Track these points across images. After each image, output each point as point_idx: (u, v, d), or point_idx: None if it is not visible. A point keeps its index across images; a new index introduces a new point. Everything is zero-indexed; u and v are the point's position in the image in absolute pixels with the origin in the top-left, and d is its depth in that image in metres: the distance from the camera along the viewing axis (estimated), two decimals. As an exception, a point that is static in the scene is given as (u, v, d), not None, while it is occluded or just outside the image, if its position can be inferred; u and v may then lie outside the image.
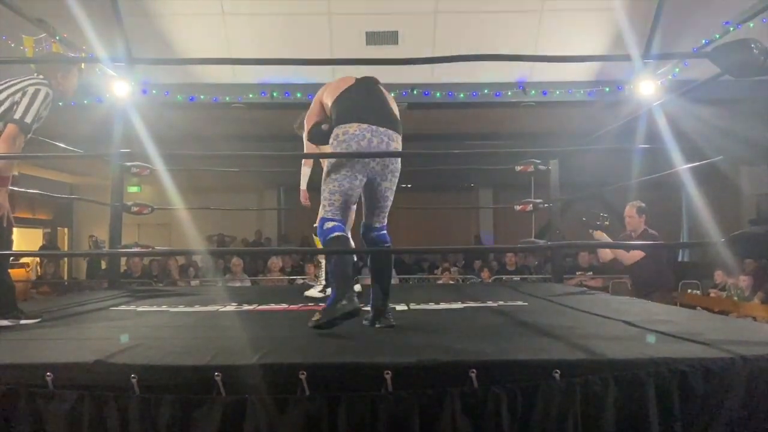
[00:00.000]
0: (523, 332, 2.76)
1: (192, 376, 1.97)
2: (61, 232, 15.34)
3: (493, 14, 6.88)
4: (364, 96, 2.91)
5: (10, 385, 1.96)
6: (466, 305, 3.82)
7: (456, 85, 7.51)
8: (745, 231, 2.51)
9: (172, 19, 6.83)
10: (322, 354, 2.21)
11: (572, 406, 1.94)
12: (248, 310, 3.66)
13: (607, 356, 2.08)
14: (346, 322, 2.64)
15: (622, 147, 5.90)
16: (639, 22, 6.68)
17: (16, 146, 2.95)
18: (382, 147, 2.77)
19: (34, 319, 2.99)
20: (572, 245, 4.26)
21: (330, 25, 6.98)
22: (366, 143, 2.73)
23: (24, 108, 2.95)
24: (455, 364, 1.99)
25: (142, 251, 7.97)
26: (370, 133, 2.74)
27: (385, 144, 2.76)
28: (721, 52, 2.50)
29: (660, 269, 5.01)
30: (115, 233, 5.29)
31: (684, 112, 5.96)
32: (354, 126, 2.77)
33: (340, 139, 2.78)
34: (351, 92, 2.92)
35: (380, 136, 2.76)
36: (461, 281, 9.04)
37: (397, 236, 12.61)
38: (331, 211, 2.83)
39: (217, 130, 7.11)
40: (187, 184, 5.17)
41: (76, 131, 7.17)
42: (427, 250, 11.77)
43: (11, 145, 2.91)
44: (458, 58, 3.00)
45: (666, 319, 3.10)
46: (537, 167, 5.44)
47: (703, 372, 2.01)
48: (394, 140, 2.80)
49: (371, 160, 2.77)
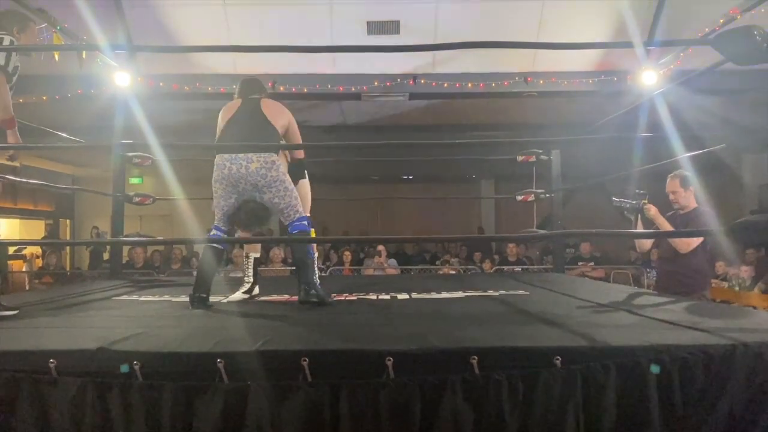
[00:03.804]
0: (524, 320, 2.77)
1: (194, 362, 1.98)
2: (63, 224, 15.36)
3: (495, 3, 6.85)
4: (236, 125, 3.39)
5: (14, 371, 1.97)
6: (467, 294, 3.82)
7: (457, 76, 7.48)
8: (745, 219, 2.50)
9: (173, 9, 6.82)
10: (324, 341, 2.22)
11: (573, 392, 1.95)
12: (250, 300, 3.67)
13: (608, 343, 2.08)
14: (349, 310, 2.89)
15: (623, 136, 5.88)
16: (642, 12, 6.65)
17: (3, 89, 3.01)
18: (242, 171, 3.22)
19: (12, 311, 2.86)
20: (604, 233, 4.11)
21: (331, 15, 6.95)
22: (227, 171, 3.25)
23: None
24: (456, 351, 2.00)
25: (144, 240, 8.01)
26: (229, 161, 3.25)
27: (244, 168, 3.22)
28: (723, 40, 2.49)
29: (710, 258, 4.26)
30: (117, 223, 5.30)
31: (686, 102, 5.95)
32: (217, 157, 3.32)
33: (214, 167, 3.34)
34: (229, 123, 3.42)
35: (238, 162, 3.23)
36: (462, 272, 9.04)
37: (398, 227, 12.64)
38: (216, 219, 3.41)
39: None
40: (189, 175, 5.16)
41: (77, 122, 7.19)
42: (428, 239, 11.72)
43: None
44: (459, 45, 3.01)
45: (667, 307, 3.10)
46: (539, 157, 5.43)
47: (705, 359, 2.01)
48: (253, 161, 3.22)
49: (237, 183, 3.26)
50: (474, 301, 3.52)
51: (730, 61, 2.63)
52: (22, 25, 3.30)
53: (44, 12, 5.28)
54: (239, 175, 3.23)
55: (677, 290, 3.92)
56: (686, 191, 4.10)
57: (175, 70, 7.34)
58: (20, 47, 3.23)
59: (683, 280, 4.00)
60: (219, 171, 3.29)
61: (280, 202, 3.31)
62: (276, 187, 3.28)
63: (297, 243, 3.49)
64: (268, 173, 3.24)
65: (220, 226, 3.41)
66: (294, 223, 3.36)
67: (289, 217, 3.36)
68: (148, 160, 5.16)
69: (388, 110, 8.72)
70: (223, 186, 3.30)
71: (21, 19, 3.36)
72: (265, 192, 3.28)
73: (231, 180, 3.26)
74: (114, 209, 5.32)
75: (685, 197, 4.11)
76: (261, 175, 3.23)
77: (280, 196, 3.30)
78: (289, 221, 3.37)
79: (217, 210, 3.39)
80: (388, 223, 15.34)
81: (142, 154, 5.12)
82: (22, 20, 3.36)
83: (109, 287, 4.41)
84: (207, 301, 3.27)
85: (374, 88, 7.44)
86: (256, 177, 3.23)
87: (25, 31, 3.32)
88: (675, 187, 4.12)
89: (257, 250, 3.94)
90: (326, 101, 8.19)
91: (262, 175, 3.23)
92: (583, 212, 10.97)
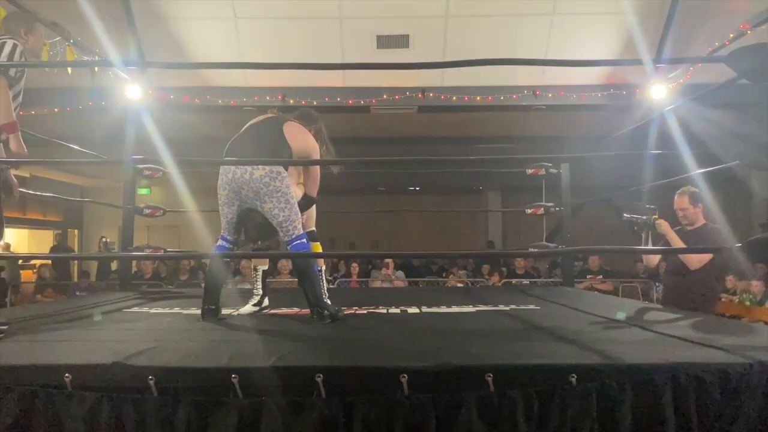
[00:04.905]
0: (537, 336, 2.76)
1: (209, 378, 1.98)
2: (72, 234, 15.43)
3: (505, 17, 6.87)
4: (251, 131, 3.47)
5: (30, 386, 1.97)
6: (478, 308, 3.81)
7: (466, 89, 7.50)
8: (760, 237, 2.49)
9: (184, 22, 6.87)
10: (338, 357, 2.22)
11: (589, 410, 1.94)
12: (260, 312, 3.67)
13: (623, 361, 2.07)
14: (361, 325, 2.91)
15: (632, 152, 5.86)
16: (651, 26, 6.66)
17: (4, 93, 2.92)
18: (245, 177, 3.22)
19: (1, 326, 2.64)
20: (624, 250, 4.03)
21: (341, 29, 6.99)
22: (231, 175, 3.26)
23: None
24: (472, 368, 1.99)
25: (152, 255, 8.00)
26: (234, 165, 3.27)
27: (248, 173, 3.22)
28: (737, 57, 2.49)
29: (719, 275, 4.28)
30: (127, 236, 5.32)
31: (696, 116, 5.93)
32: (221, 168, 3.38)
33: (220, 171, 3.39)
34: (246, 128, 3.51)
35: (243, 167, 3.24)
36: (470, 284, 9.02)
37: (405, 237, 12.62)
38: (222, 228, 3.43)
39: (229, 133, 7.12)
40: (197, 186, 5.18)
41: (89, 134, 7.23)
42: (437, 255, 11.70)
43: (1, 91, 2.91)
44: (469, 63, 3.01)
45: (678, 323, 3.08)
46: (548, 170, 5.43)
47: (721, 377, 2.00)
48: (258, 168, 3.23)
49: (240, 189, 3.26)
50: (485, 316, 3.52)
51: (743, 78, 2.63)
52: (28, 27, 3.25)
53: (58, 25, 5.32)
54: (243, 180, 3.22)
55: (686, 305, 3.90)
56: (695, 208, 4.11)
57: (186, 83, 7.39)
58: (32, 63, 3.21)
59: (691, 296, 3.98)
60: (224, 175, 3.30)
61: (279, 214, 3.25)
62: (278, 198, 3.24)
63: (301, 258, 3.43)
64: (272, 182, 3.22)
65: (226, 236, 3.41)
66: (293, 243, 3.30)
67: (288, 233, 3.30)
68: (158, 172, 5.19)
69: (397, 122, 8.74)
70: (226, 192, 3.30)
71: (28, 21, 3.30)
72: (266, 201, 3.24)
73: (234, 185, 3.25)
74: (124, 221, 5.34)
75: (694, 213, 4.11)
76: (264, 183, 3.20)
77: (280, 208, 3.25)
78: (288, 238, 3.31)
79: (222, 219, 3.40)
80: (395, 233, 15.32)
81: (153, 166, 5.14)
82: (29, 22, 3.30)
83: (119, 299, 4.42)
84: (218, 312, 3.29)
85: (383, 101, 7.46)
86: (259, 184, 3.20)
87: (32, 32, 3.26)
88: (684, 204, 4.11)
89: (265, 263, 3.94)
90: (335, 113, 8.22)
91: (265, 183, 3.20)
92: (591, 225, 10.95)
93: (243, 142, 3.40)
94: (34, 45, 3.28)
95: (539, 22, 6.96)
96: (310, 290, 3.24)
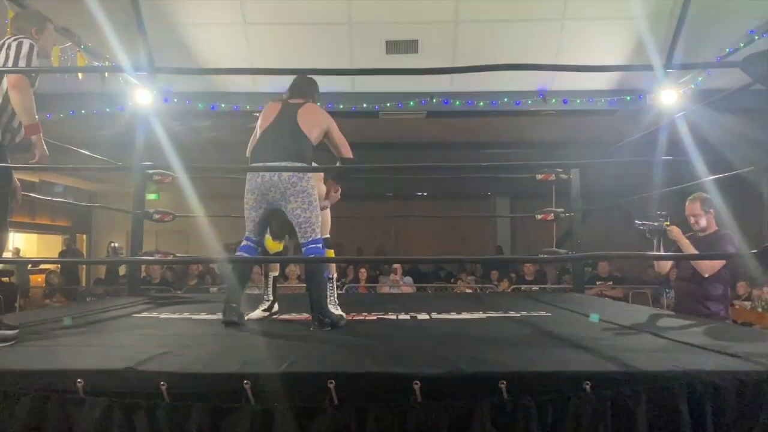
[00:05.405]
0: (550, 342, 2.74)
1: (221, 384, 1.98)
2: (80, 239, 15.48)
3: (514, 23, 6.85)
4: (271, 135, 3.41)
5: (42, 391, 1.97)
6: (488, 315, 3.80)
7: (475, 94, 7.48)
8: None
9: (194, 27, 6.88)
10: (350, 363, 2.21)
11: (603, 418, 1.92)
12: (270, 318, 3.67)
13: (638, 368, 2.05)
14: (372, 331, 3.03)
15: (643, 159, 5.82)
16: (660, 31, 6.62)
17: (28, 93, 2.91)
18: (274, 179, 3.27)
19: (12, 330, 2.64)
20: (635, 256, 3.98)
21: (350, 34, 6.99)
22: (260, 179, 3.31)
23: (13, 58, 2.92)
24: (485, 375, 1.98)
25: (161, 260, 8.02)
26: (260, 177, 3.31)
27: (276, 175, 3.26)
28: (752, 62, 2.48)
29: (729, 281, 4.19)
30: (136, 241, 5.34)
31: (706, 121, 5.90)
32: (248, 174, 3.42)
33: (247, 177, 3.41)
34: (264, 132, 3.45)
35: (262, 176, 3.29)
36: (479, 290, 8.99)
37: (412, 242, 12.57)
38: (247, 230, 3.47)
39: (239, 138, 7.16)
40: (206, 191, 5.19)
41: (99, 139, 7.26)
42: (447, 259, 11.65)
43: (23, 91, 2.88)
44: (478, 69, 2.99)
45: (691, 329, 3.06)
46: (558, 176, 5.41)
47: (736, 385, 1.98)
48: (276, 174, 3.26)
49: (268, 191, 3.30)
50: (496, 323, 3.50)
51: (758, 83, 2.62)
52: (40, 26, 3.22)
53: (68, 31, 5.35)
54: (271, 183, 3.28)
55: (697, 311, 3.90)
56: (707, 214, 4.08)
57: (196, 88, 7.41)
58: (44, 69, 3.20)
59: (703, 302, 3.96)
60: (252, 180, 3.36)
61: (301, 213, 3.29)
62: (302, 198, 3.29)
63: (311, 262, 3.46)
64: (299, 182, 3.28)
65: (251, 237, 3.46)
66: (309, 246, 3.32)
67: (306, 235, 3.31)
68: (168, 177, 5.20)
69: (406, 127, 8.73)
70: (255, 196, 3.36)
71: (39, 20, 3.27)
72: (290, 201, 3.29)
73: (263, 189, 3.31)
74: (134, 226, 5.36)
75: (706, 220, 4.09)
76: (291, 183, 3.27)
77: (303, 208, 3.29)
78: (305, 240, 3.32)
79: (247, 222, 3.45)
80: (403, 238, 15.29)
81: (163, 171, 5.15)
82: (40, 21, 3.27)
83: (128, 304, 4.43)
84: (238, 310, 3.32)
85: (392, 106, 7.46)
86: (287, 184, 3.27)
87: (44, 31, 3.23)
88: (695, 210, 4.09)
89: (276, 270, 3.97)
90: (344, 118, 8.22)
91: (292, 183, 3.27)
92: (600, 230, 10.89)
93: (267, 148, 3.39)
94: (44, 44, 3.24)
95: (549, 26, 6.93)
96: (315, 295, 3.26)
